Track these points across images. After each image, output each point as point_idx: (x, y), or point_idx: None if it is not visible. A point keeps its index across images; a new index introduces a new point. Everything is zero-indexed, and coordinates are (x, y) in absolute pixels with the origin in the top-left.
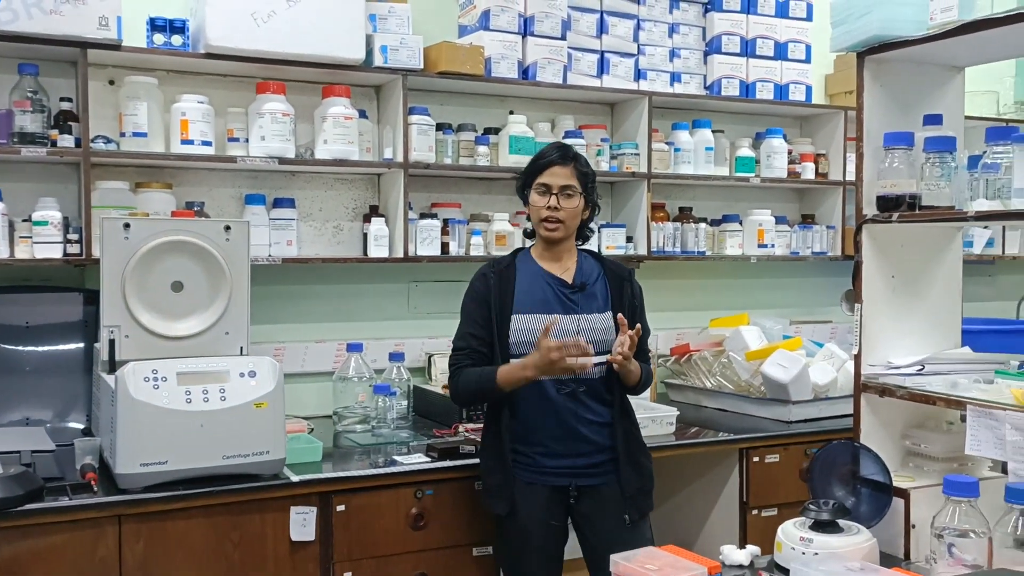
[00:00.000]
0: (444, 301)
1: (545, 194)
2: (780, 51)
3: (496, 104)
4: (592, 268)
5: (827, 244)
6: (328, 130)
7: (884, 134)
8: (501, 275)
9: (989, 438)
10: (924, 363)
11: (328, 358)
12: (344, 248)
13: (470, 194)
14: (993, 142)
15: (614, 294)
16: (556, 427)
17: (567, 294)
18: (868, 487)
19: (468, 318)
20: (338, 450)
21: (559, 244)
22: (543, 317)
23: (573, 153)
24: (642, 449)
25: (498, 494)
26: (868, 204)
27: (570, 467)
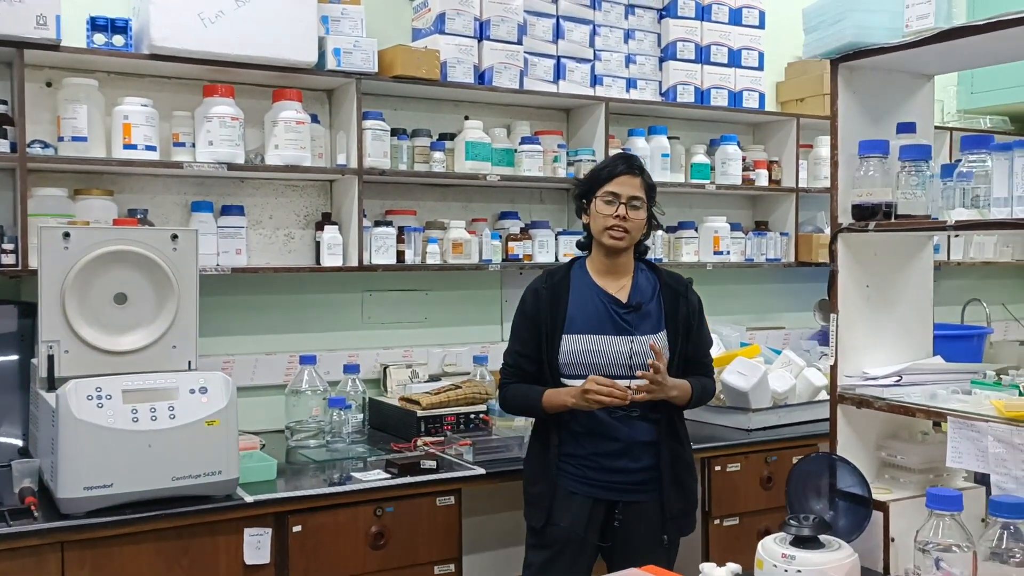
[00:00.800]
0: (399, 311)
1: (613, 203)
2: (734, 58)
3: (451, 109)
4: (648, 284)
5: (781, 251)
6: (279, 135)
7: (859, 142)
8: (554, 290)
9: (970, 450)
10: (901, 374)
11: (279, 371)
12: (296, 257)
13: (425, 201)
14: (968, 151)
15: (668, 310)
16: (608, 443)
17: (621, 314)
18: (846, 500)
19: (516, 335)
20: (291, 466)
21: (619, 256)
22: (595, 338)
23: (640, 164)
24: (688, 469)
25: (537, 504)
26: (843, 213)
27: (617, 483)
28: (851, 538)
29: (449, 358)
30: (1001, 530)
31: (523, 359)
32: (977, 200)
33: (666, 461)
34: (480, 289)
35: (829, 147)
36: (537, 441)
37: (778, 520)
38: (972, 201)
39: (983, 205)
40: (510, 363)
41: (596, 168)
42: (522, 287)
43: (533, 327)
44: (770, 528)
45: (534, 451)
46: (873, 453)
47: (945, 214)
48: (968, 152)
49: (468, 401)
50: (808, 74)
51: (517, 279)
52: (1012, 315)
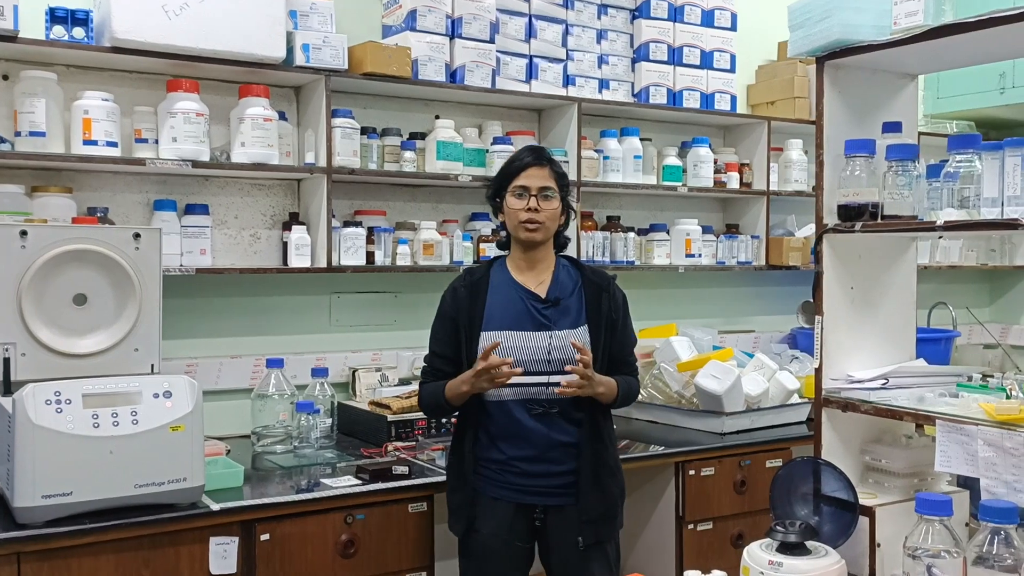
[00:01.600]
0: (368, 313)
1: (523, 196)
2: (706, 60)
3: (421, 108)
4: (569, 279)
5: (751, 254)
6: (245, 132)
7: (845, 141)
8: (472, 288)
9: (959, 454)
10: (888, 377)
11: (245, 374)
12: (262, 258)
13: (395, 201)
14: (956, 151)
15: (590, 306)
16: (528, 447)
17: (540, 309)
18: (831, 505)
19: (434, 336)
20: (258, 473)
21: (537, 250)
22: (512, 334)
23: (548, 155)
24: (611, 474)
25: (458, 513)
26: (828, 213)
27: (538, 486)
28: (837, 544)
29: (419, 361)
30: (990, 535)
31: (439, 359)
32: (966, 201)
33: (586, 463)
34: None
35: (800, 150)
36: (455, 447)
37: (752, 525)
38: (960, 202)
39: (972, 205)
40: (426, 364)
41: (504, 164)
42: None
43: (451, 326)
44: (744, 533)
45: (453, 457)
46: (857, 457)
47: (932, 214)
48: (956, 152)
49: None
50: (778, 77)
51: None
52: (976, 319)
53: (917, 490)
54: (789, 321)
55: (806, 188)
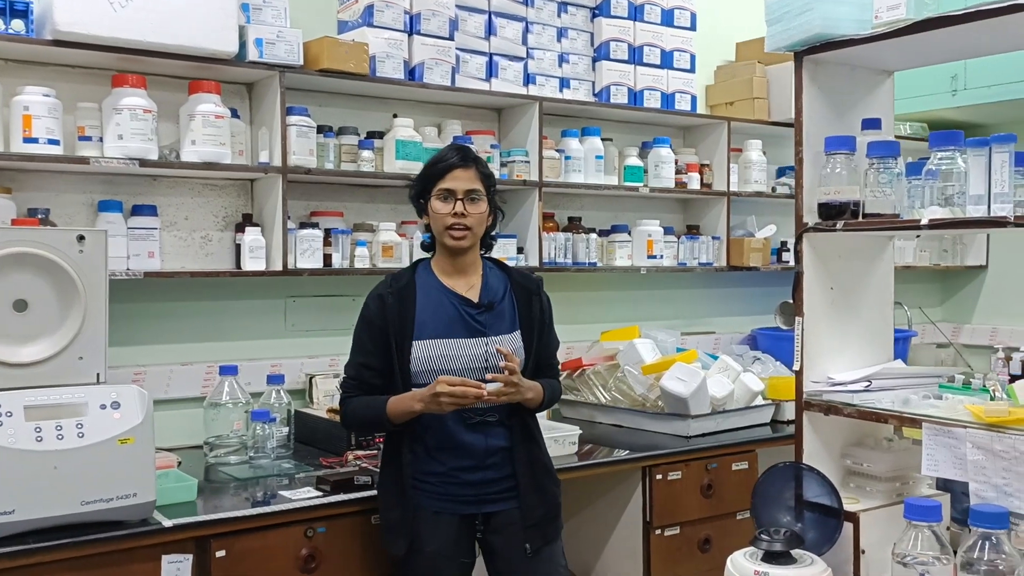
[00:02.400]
0: (325, 318)
1: (449, 200)
2: (666, 60)
3: (378, 107)
4: (498, 282)
5: (712, 255)
6: (196, 130)
7: (825, 138)
8: (399, 296)
9: (947, 458)
10: (871, 379)
11: (196, 382)
12: (214, 261)
13: (353, 202)
14: (938, 147)
15: (522, 310)
16: (464, 457)
17: (473, 315)
18: (815, 512)
19: (360, 346)
20: (211, 485)
21: (464, 255)
22: (447, 342)
23: (474, 155)
24: (548, 474)
25: (397, 531)
26: (808, 212)
27: (479, 495)
28: (822, 551)
29: None
30: (981, 540)
31: (367, 371)
32: (950, 199)
33: (523, 467)
34: None
35: (759, 150)
36: (388, 461)
37: (720, 529)
38: (944, 200)
39: (956, 203)
40: (352, 376)
41: (428, 164)
42: None
43: (380, 335)
44: (711, 537)
45: (387, 473)
46: (838, 461)
47: (914, 212)
48: (937, 149)
49: None
50: (737, 78)
51: None
52: (929, 319)
53: (899, 494)
54: (750, 322)
55: (765, 189)
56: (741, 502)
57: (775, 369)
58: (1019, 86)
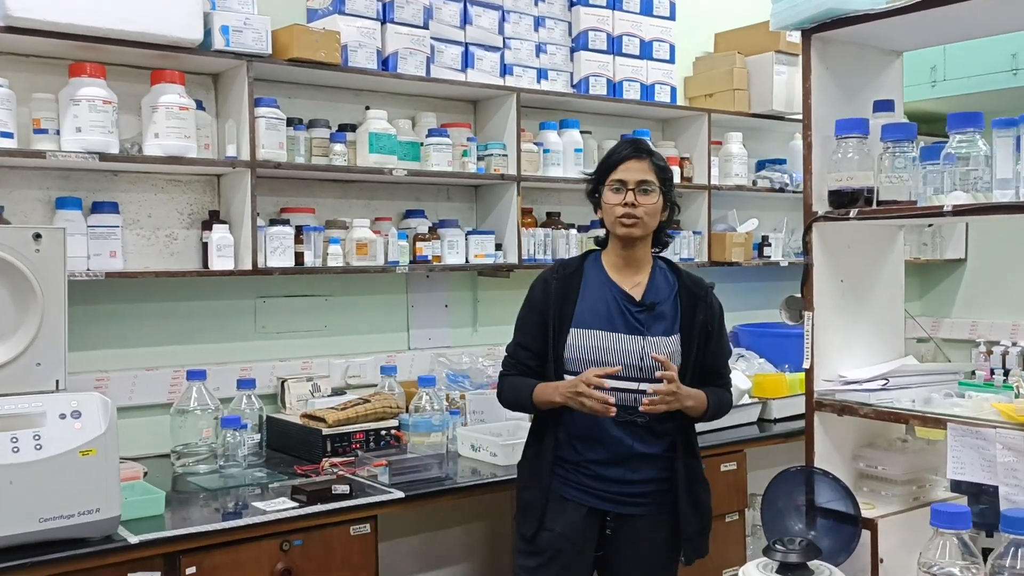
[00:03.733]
0: (297, 319)
1: (620, 191)
2: (645, 50)
3: (350, 98)
4: (665, 283)
5: (694, 250)
6: (159, 122)
7: (836, 121)
8: (565, 282)
9: (974, 460)
10: (888, 376)
11: (163, 388)
12: (180, 260)
13: (325, 198)
14: (957, 129)
15: (685, 314)
16: (607, 455)
17: (633, 312)
18: (829, 518)
19: (521, 327)
20: (179, 496)
21: (635, 248)
22: (604, 335)
23: (648, 147)
24: (704, 486)
25: (529, 510)
26: (818, 200)
27: (611, 492)
28: (838, 561)
29: (353, 369)
30: (1012, 548)
31: (524, 352)
32: (970, 183)
33: (682, 477)
34: (386, 294)
35: (739, 143)
36: (532, 443)
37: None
38: (964, 184)
39: (979, 188)
40: (510, 354)
41: (603, 158)
42: (430, 291)
43: (539, 319)
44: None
45: (529, 454)
46: (849, 464)
47: (932, 199)
48: (957, 131)
49: (378, 416)
50: (716, 69)
51: (425, 283)
52: (909, 313)
53: (915, 498)
54: (731, 319)
55: (746, 182)
56: (730, 504)
57: (760, 366)
58: (999, 76)
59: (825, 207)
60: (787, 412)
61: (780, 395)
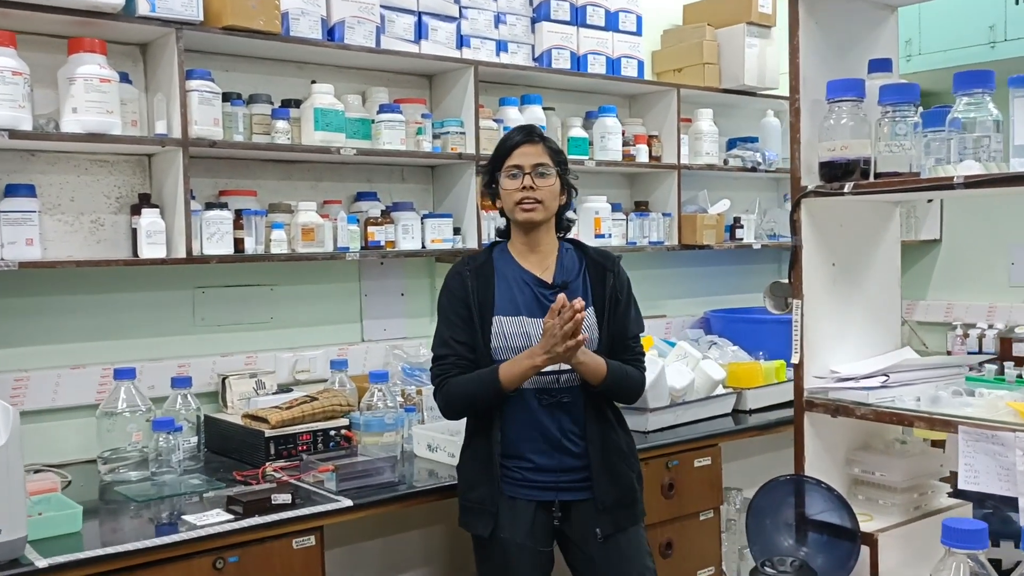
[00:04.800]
0: (239, 310)
1: (517, 176)
2: (611, 21)
3: (294, 72)
4: (573, 262)
5: (663, 233)
6: (77, 95)
7: (828, 83)
8: (478, 273)
9: (990, 468)
10: (888, 372)
11: (89, 388)
12: (106, 248)
13: (266, 180)
14: (965, 91)
15: (595, 288)
16: (540, 440)
17: (547, 295)
18: (823, 533)
19: (448, 322)
20: (106, 507)
21: (538, 232)
22: (524, 320)
23: (540, 132)
24: (623, 457)
25: (480, 511)
26: (807, 172)
27: (554, 482)
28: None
29: (301, 364)
30: None
31: (460, 345)
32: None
33: (595, 449)
34: (335, 282)
35: (710, 120)
36: (475, 438)
37: (681, 531)
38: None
39: (990, 157)
40: (446, 354)
41: (496, 147)
42: (384, 279)
43: (464, 309)
44: (673, 541)
45: (472, 450)
46: (842, 469)
47: (938, 169)
48: (964, 93)
49: (327, 415)
50: (685, 42)
51: (378, 270)
52: None
53: (917, 507)
54: (702, 304)
55: (717, 161)
56: (704, 501)
57: (734, 355)
58: (976, 50)
59: (815, 181)
60: (762, 402)
61: (755, 385)
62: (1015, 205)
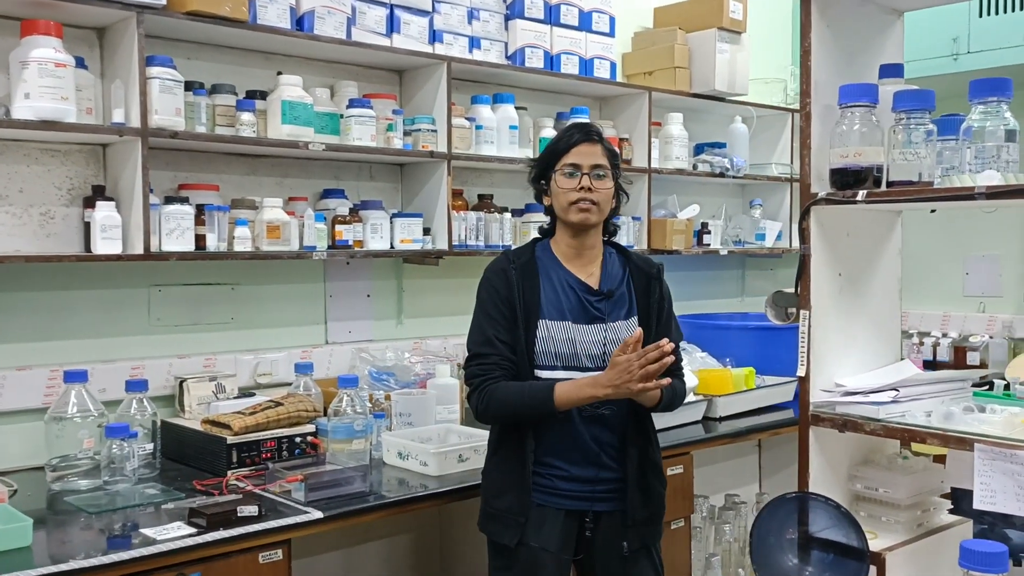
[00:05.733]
0: (199, 310)
1: (575, 175)
2: (584, 21)
3: (260, 62)
4: (618, 268)
5: (633, 237)
6: (30, 80)
7: (840, 87)
8: (524, 272)
9: (1007, 488)
10: (898, 387)
11: (37, 391)
12: (57, 242)
13: (230, 174)
14: (980, 99)
15: (639, 296)
16: (575, 451)
17: (593, 302)
18: (829, 552)
19: (491, 319)
20: (55, 519)
21: (588, 235)
22: (569, 325)
23: (599, 131)
24: (657, 473)
25: (507, 520)
26: (817, 179)
27: (589, 492)
28: None
29: (263, 366)
30: None
31: (502, 345)
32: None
33: (633, 464)
34: (299, 282)
35: (680, 124)
36: (505, 444)
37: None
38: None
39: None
40: (487, 353)
41: (551, 143)
42: (350, 279)
43: (508, 308)
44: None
45: (501, 456)
46: (844, 485)
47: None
48: (979, 101)
49: (292, 421)
50: (657, 45)
51: (344, 270)
52: None
53: (920, 524)
54: None
55: (686, 166)
56: (676, 510)
57: (703, 360)
58: (940, 61)
59: (826, 188)
60: (732, 410)
61: (726, 392)
62: (971, 218)
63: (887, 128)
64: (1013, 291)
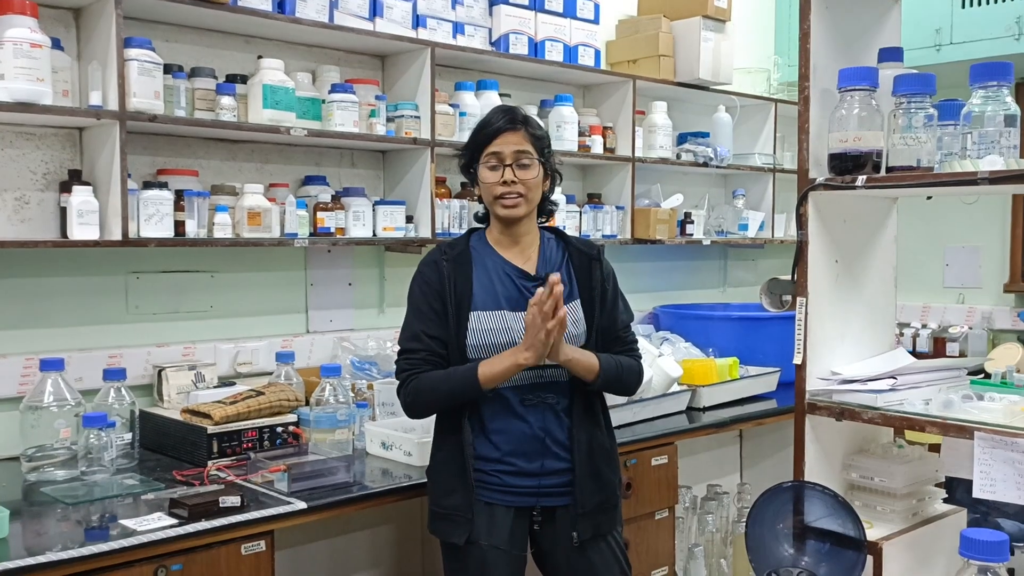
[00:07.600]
0: (178, 298)
1: (497, 167)
2: (569, 7)
3: (240, 46)
4: (555, 252)
5: (616, 226)
6: (5, 61)
7: (840, 71)
8: (455, 263)
9: (1008, 476)
10: (896, 375)
11: (12, 379)
12: (32, 228)
13: (210, 159)
14: (981, 83)
15: (580, 278)
16: (524, 443)
17: (530, 288)
18: (826, 542)
19: (420, 314)
20: (31, 510)
21: (519, 224)
22: (504, 315)
23: (522, 115)
24: (609, 461)
25: (455, 519)
26: (815, 165)
27: (535, 487)
28: None
29: (243, 355)
30: None
31: (431, 340)
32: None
33: (582, 452)
34: (280, 270)
35: (664, 113)
36: (443, 444)
37: (639, 532)
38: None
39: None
40: (415, 348)
41: (475, 129)
42: (331, 267)
43: (439, 302)
44: (628, 542)
45: (443, 453)
46: (839, 475)
47: (953, 164)
48: (980, 86)
49: (274, 411)
50: (641, 33)
51: (325, 258)
52: None
53: (915, 513)
54: (651, 299)
55: (670, 155)
56: (660, 501)
57: (686, 351)
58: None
59: (824, 173)
60: (716, 400)
61: (710, 382)
62: (951, 209)
63: (887, 113)
64: (992, 282)
